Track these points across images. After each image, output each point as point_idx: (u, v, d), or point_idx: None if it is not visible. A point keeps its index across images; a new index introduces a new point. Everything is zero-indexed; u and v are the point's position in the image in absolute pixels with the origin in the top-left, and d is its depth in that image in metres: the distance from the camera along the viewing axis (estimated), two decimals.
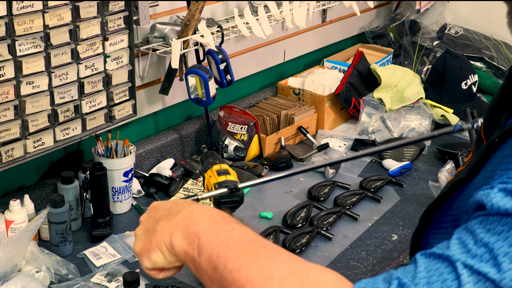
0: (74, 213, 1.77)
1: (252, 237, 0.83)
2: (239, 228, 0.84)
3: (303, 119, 2.36)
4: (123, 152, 1.87)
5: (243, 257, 0.79)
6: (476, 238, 0.72)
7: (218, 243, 0.81)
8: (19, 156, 1.61)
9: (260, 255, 0.79)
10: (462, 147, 2.20)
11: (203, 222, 0.85)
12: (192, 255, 0.84)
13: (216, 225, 0.84)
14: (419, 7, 2.99)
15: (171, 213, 0.89)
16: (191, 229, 0.85)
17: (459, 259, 0.71)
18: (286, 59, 2.67)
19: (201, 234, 0.83)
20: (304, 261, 0.79)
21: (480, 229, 0.72)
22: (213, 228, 0.84)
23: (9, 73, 1.52)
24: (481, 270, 0.69)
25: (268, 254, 0.79)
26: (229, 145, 2.17)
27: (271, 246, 0.81)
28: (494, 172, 0.78)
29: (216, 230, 0.83)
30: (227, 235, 0.82)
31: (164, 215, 0.90)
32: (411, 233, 1.83)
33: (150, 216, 0.93)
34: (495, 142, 0.83)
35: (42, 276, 1.53)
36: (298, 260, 0.79)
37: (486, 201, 0.73)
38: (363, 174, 2.17)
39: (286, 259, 0.79)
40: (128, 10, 1.77)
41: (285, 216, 1.87)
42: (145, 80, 2.04)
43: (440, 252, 0.73)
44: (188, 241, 0.85)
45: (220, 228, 0.84)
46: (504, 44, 2.88)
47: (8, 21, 1.48)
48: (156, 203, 0.97)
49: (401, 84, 2.53)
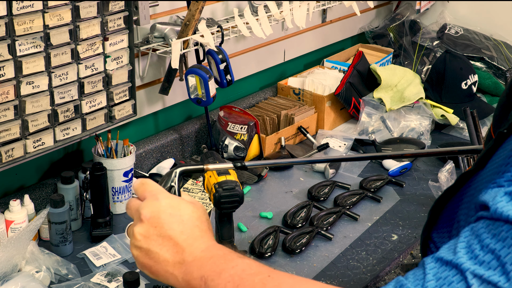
0: (74, 213, 1.77)
1: (256, 268, 0.85)
2: (241, 262, 0.86)
3: (303, 119, 2.36)
4: (123, 152, 1.87)
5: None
6: (482, 243, 0.72)
7: (225, 283, 0.83)
8: (19, 156, 1.61)
9: (267, 286, 0.81)
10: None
11: (205, 265, 0.86)
12: None
13: (219, 265, 0.86)
14: (419, 7, 2.99)
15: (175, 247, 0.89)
16: (195, 274, 0.86)
17: (468, 269, 0.71)
18: (286, 59, 2.67)
19: (206, 278, 0.85)
20: (310, 283, 0.82)
21: (486, 233, 0.72)
22: (216, 269, 0.85)
23: (9, 73, 1.52)
24: (491, 280, 0.69)
25: (274, 283, 0.81)
26: (229, 145, 2.17)
27: (276, 275, 0.83)
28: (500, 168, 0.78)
29: (219, 271, 0.85)
30: (231, 273, 0.84)
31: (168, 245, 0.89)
32: (411, 233, 1.83)
33: (154, 227, 0.90)
34: (503, 133, 0.83)
35: (42, 276, 1.53)
36: (304, 283, 0.81)
37: (491, 204, 0.73)
38: (363, 174, 2.17)
39: (292, 284, 0.81)
40: (128, 10, 1.77)
41: (285, 216, 1.87)
42: (145, 80, 2.04)
43: (449, 258, 0.73)
44: (194, 285, 0.86)
45: (223, 268, 0.85)
46: (504, 44, 2.88)
47: (8, 21, 1.48)
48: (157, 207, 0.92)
49: (401, 84, 2.53)
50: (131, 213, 0.94)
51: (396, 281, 0.75)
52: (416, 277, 0.74)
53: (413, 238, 1.81)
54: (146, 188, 0.94)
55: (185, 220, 0.91)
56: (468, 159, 1.92)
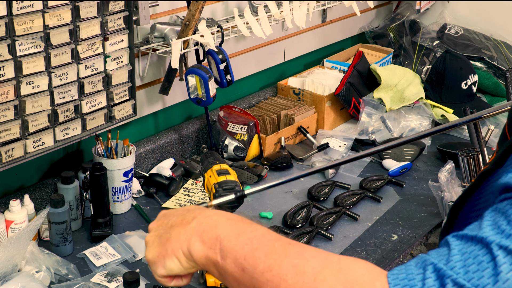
0: (74, 213, 1.77)
1: (275, 235, 0.82)
2: (261, 228, 0.83)
3: (303, 119, 2.36)
4: (123, 152, 1.87)
5: (272, 256, 0.78)
6: (509, 218, 0.71)
7: (242, 245, 0.80)
8: (19, 156, 1.61)
9: (289, 252, 0.78)
10: (462, 147, 2.19)
11: (222, 225, 0.84)
12: (215, 259, 0.82)
13: (237, 227, 0.83)
14: (419, 7, 2.99)
15: (185, 219, 0.88)
16: (210, 233, 0.84)
17: (494, 241, 0.70)
18: (286, 59, 2.67)
19: (223, 238, 0.82)
20: (332, 254, 0.79)
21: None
22: (234, 230, 0.83)
23: (9, 73, 1.52)
24: None
25: (296, 250, 0.79)
26: (229, 145, 2.17)
27: (296, 243, 0.81)
28: None
29: (237, 233, 0.82)
30: (250, 236, 0.81)
31: (177, 222, 0.89)
32: (411, 233, 1.83)
33: (161, 224, 0.91)
34: None
35: (42, 276, 1.53)
36: (326, 253, 0.79)
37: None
38: (363, 174, 2.17)
39: (315, 253, 0.78)
40: (128, 10, 1.77)
41: (285, 216, 1.87)
42: (145, 80, 2.04)
43: (474, 234, 0.72)
44: (208, 245, 0.83)
45: (241, 230, 0.83)
46: (504, 44, 2.88)
47: (8, 21, 1.48)
48: (166, 211, 0.96)
49: (401, 84, 2.53)
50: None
51: (417, 258, 0.74)
52: (440, 253, 0.73)
53: (413, 238, 1.81)
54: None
55: (191, 208, 0.92)
56: (468, 159, 1.92)
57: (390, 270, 0.74)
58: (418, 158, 2.28)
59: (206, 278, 1.55)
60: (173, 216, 0.91)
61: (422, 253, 0.77)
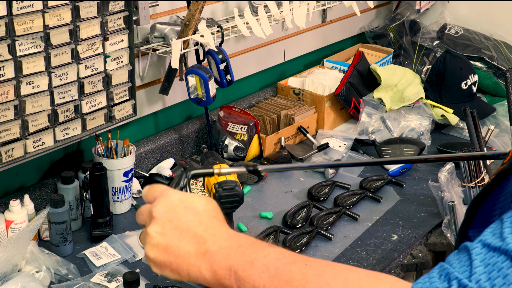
0: (74, 213, 1.77)
1: (290, 257, 0.80)
2: (273, 251, 0.81)
3: (303, 119, 2.36)
4: (123, 152, 1.87)
5: (293, 283, 0.77)
6: None
7: (259, 273, 0.79)
8: (19, 156, 1.61)
9: (308, 276, 0.77)
10: (462, 147, 2.20)
11: (233, 254, 0.82)
12: (231, 286, 0.81)
13: (249, 255, 0.81)
14: (419, 7, 2.99)
15: (196, 238, 0.84)
16: (222, 264, 0.81)
17: None
18: (286, 59, 2.67)
19: (237, 268, 0.80)
20: (352, 270, 0.78)
21: None
22: (246, 258, 0.80)
23: (9, 73, 1.52)
24: None
25: (315, 272, 0.77)
26: (229, 145, 2.17)
27: (313, 263, 0.79)
28: None
29: (250, 260, 0.80)
30: (264, 262, 0.79)
31: (188, 237, 0.84)
32: (411, 233, 1.83)
33: (169, 220, 0.85)
34: None
35: (42, 276, 1.53)
36: (345, 270, 0.77)
37: None
38: (363, 174, 2.17)
39: (335, 274, 0.77)
40: (128, 10, 1.77)
41: (285, 216, 1.87)
42: (145, 80, 2.04)
43: (497, 245, 0.72)
44: (222, 275, 0.81)
45: (254, 257, 0.80)
46: (504, 44, 2.88)
47: (8, 21, 1.48)
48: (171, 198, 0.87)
49: (401, 84, 2.53)
50: (143, 218, 0.88)
51: (440, 268, 0.73)
52: (462, 263, 0.72)
53: (413, 238, 1.81)
54: (155, 189, 0.90)
55: (200, 211, 0.86)
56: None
57: (414, 283, 0.72)
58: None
59: None
60: (183, 219, 0.85)
61: (442, 262, 0.75)
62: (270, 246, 0.83)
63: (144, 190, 0.91)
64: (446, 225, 1.82)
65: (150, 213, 0.86)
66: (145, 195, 0.91)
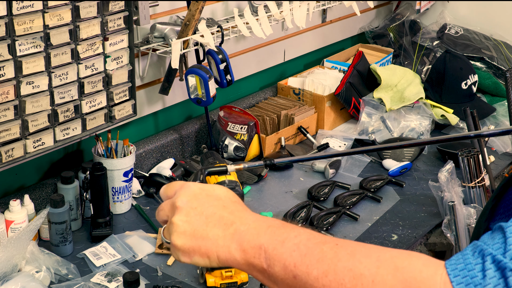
0: (74, 213, 1.77)
1: (320, 237, 0.80)
2: (303, 232, 0.81)
3: (303, 119, 2.36)
4: (123, 152, 1.87)
5: (324, 261, 0.77)
6: None
7: (290, 252, 0.79)
8: (19, 156, 1.61)
9: (340, 255, 0.77)
10: (462, 147, 2.20)
11: (264, 234, 0.82)
12: (261, 266, 0.81)
13: (280, 234, 0.81)
14: (419, 7, 2.99)
15: (223, 219, 0.84)
16: (252, 242, 0.82)
17: None
18: (286, 59, 2.67)
19: (267, 247, 0.81)
20: (383, 249, 0.78)
21: None
22: (277, 238, 0.81)
23: (9, 73, 1.52)
24: None
25: (347, 251, 0.77)
26: (229, 145, 2.17)
27: (344, 243, 0.79)
28: None
29: (281, 239, 0.81)
30: (295, 241, 0.80)
31: (214, 218, 0.85)
32: (411, 233, 1.83)
33: (193, 208, 0.85)
34: None
35: (42, 276, 1.53)
36: (377, 250, 0.77)
37: None
38: (363, 174, 2.17)
39: (366, 253, 0.77)
40: (128, 10, 1.77)
41: (285, 216, 1.87)
42: (145, 80, 2.04)
43: None
44: (252, 254, 0.81)
45: (285, 237, 0.81)
46: (504, 44, 2.88)
47: (8, 21, 1.48)
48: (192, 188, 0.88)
49: (401, 84, 2.53)
50: (164, 213, 0.89)
51: (473, 246, 0.73)
52: (496, 240, 0.72)
53: (413, 238, 1.81)
54: (173, 185, 0.91)
55: (223, 197, 0.87)
56: (468, 159, 1.92)
57: (448, 261, 0.73)
58: (418, 158, 2.28)
59: (206, 278, 1.55)
60: (207, 204, 0.86)
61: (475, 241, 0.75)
62: (299, 227, 0.83)
63: (163, 188, 0.92)
64: (446, 225, 1.82)
65: (173, 204, 0.87)
66: (164, 191, 0.91)
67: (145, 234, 1.78)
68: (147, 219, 1.86)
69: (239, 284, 1.55)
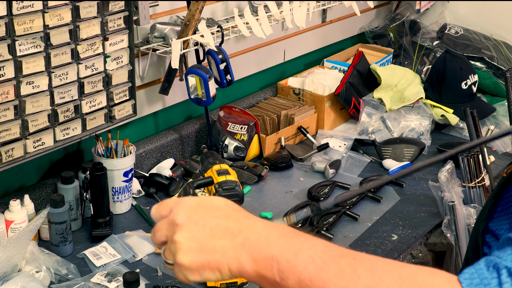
0: (74, 213, 1.77)
1: (337, 250, 0.77)
2: (318, 243, 0.77)
3: (303, 119, 2.36)
4: (123, 152, 1.87)
5: (343, 277, 0.73)
6: None
7: (305, 265, 0.75)
8: (19, 156, 1.61)
9: (359, 271, 0.73)
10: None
11: (276, 243, 0.77)
12: (273, 279, 0.77)
13: (293, 245, 0.77)
14: (419, 7, 2.99)
15: (229, 229, 0.79)
16: (264, 253, 0.77)
17: None
18: (286, 59, 2.67)
19: (280, 258, 0.76)
20: (403, 265, 0.75)
21: None
22: (290, 248, 0.76)
23: (9, 73, 1.52)
24: None
25: (366, 267, 0.74)
26: (229, 145, 2.17)
27: (361, 257, 0.76)
28: None
29: (295, 251, 0.76)
30: (310, 253, 0.75)
31: (219, 230, 0.80)
32: (411, 233, 1.83)
33: (194, 222, 0.80)
34: None
35: (42, 276, 1.53)
36: (398, 266, 0.75)
37: None
38: (363, 174, 2.17)
39: (387, 269, 0.74)
40: (128, 10, 1.77)
41: (285, 216, 1.86)
42: (145, 80, 2.04)
43: None
44: (263, 266, 0.77)
45: (299, 248, 0.76)
46: (504, 44, 2.88)
47: (8, 21, 1.48)
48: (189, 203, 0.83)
49: (401, 84, 2.53)
50: (162, 233, 0.82)
51: (486, 260, 0.72)
52: (508, 252, 0.71)
53: (413, 238, 1.81)
54: (166, 203, 0.85)
55: (223, 207, 0.83)
56: (468, 159, 1.92)
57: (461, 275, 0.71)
58: (418, 158, 2.28)
59: None
60: (208, 216, 0.81)
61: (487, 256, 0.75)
62: (314, 237, 0.79)
63: (153, 208, 0.86)
64: (446, 225, 1.82)
65: (172, 222, 0.82)
66: (156, 211, 0.86)
67: (145, 234, 1.78)
68: (147, 219, 1.86)
69: (239, 284, 1.55)
